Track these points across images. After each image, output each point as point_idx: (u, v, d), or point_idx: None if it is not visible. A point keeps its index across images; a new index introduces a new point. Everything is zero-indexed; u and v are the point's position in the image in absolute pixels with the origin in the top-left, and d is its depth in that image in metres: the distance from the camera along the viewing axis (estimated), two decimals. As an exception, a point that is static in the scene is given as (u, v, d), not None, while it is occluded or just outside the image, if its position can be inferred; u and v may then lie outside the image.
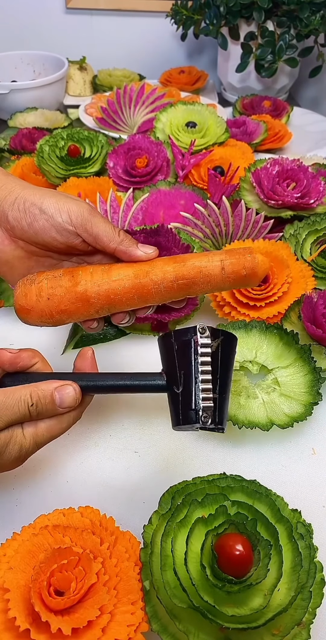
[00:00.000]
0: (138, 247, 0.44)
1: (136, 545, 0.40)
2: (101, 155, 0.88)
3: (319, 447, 0.52)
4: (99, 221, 0.43)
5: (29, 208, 0.43)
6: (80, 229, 0.43)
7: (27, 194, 0.43)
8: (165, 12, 1.30)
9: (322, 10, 1.12)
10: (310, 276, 0.64)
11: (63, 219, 0.43)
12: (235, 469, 0.49)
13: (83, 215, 0.43)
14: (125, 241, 0.43)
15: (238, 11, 1.15)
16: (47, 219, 0.43)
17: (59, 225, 0.43)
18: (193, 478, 0.43)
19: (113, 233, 0.43)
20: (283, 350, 0.57)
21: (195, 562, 0.37)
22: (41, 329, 0.64)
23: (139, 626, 0.35)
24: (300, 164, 0.77)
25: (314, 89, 1.38)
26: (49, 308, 0.43)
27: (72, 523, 0.41)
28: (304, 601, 0.36)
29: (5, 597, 0.35)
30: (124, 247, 0.43)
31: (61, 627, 0.33)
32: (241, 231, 0.72)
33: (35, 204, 0.43)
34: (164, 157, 0.85)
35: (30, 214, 0.43)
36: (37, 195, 0.43)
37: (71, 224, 0.43)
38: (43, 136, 0.95)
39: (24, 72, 1.29)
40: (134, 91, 1.05)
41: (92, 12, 1.39)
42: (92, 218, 0.43)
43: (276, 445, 0.52)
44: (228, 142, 0.94)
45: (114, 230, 0.43)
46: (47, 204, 0.43)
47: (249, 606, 0.35)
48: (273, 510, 0.40)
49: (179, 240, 0.64)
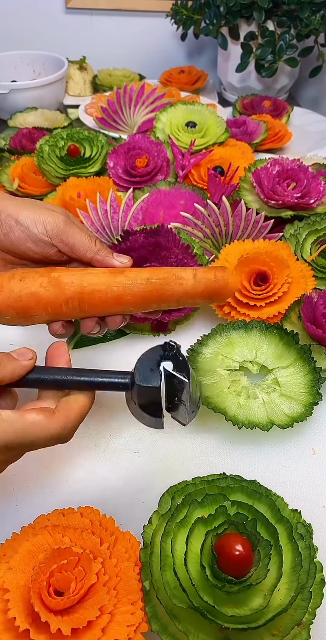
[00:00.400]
0: (114, 257, 0.45)
1: (135, 546, 0.40)
2: (101, 155, 0.88)
3: (319, 447, 0.52)
4: (75, 231, 0.44)
5: (5, 219, 0.43)
6: (56, 239, 0.43)
7: (4, 205, 0.44)
8: (165, 12, 1.30)
9: (322, 10, 1.12)
10: (310, 276, 0.64)
11: (39, 230, 0.43)
12: (235, 469, 0.49)
13: (59, 227, 0.43)
14: (101, 251, 0.44)
15: (238, 11, 1.14)
16: (23, 230, 0.43)
17: (34, 236, 0.43)
18: (192, 478, 0.43)
19: (89, 243, 0.44)
20: (283, 351, 0.57)
21: (195, 562, 0.37)
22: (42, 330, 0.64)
23: (139, 626, 0.35)
24: (300, 164, 0.77)
25: (314, 89, 1.38)
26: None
27: (72, 523, 0.41)
28: (304, 601, 0.36)
29: (5, 597, 0.35)
30: (100, 256, 0.44)
31: (61, 627, 0.33)
32: (241, 231, 0.72)
33: (11, 215, 0.43)
34: (164, 157, 0.85)
35: (7, 225, 0.43)
36: (14, 206, 0.44)
37: (46, 235, 0.43)
38: (43, 136, 0.95)
39: (24, 72, 1.29)
40: (134, 91, 1.05)
41: (92, 12, 1.39)
42: (68, 229, 0.43)
43: (276, 445, 0.52)
44: (228, 142, 0.94)
45: (90, 240, 0.44)
46: (23, 215, 0.43)
47: (249, 606, 0.35)
48: (273, 511, 0.40)
49: (179, 240, 0.64)
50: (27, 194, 0.85)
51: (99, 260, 0.44)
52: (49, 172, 0.85)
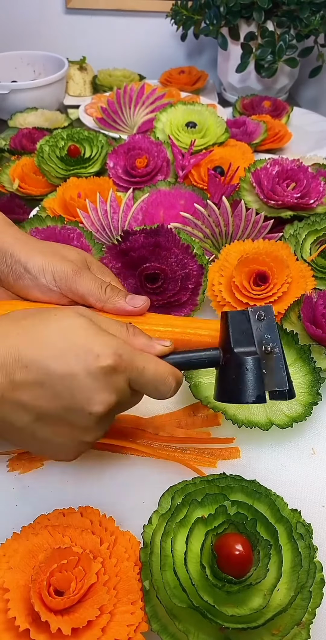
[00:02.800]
0: (127, 301, 0.43)
1: (135, 545, 0.40)
2: (101, 156, 0.88)
3: (319, 447, 0.52)
4: (84, 280, 0.42)
5: (14, 265, 0.42)
6: (64, 289, 0.42)
7: (15, 249, 0.43)
8: (165, 12, 1.30)
9: (322, 10, 1.12)
10: (310, 276, 0.64)
11: (47, 280, 0.42)
12: (235, 469, 0.49)
13: (67, 276, 0.42)
14: (111, 298, 0.43)
15: (238, 11, 1.15)
16: (31, 279, 0.42)
17: (43, 285, 0.42)
18: (192, 478, 0.43)
19: (99, 292, 0.42)
20: (282, 350, 0.57)
21: (195, 562, 0.37)
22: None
23: (138, 626, 0.35)
24: (300, 164, 0.77)
25: (314, 89, 1.38)
26: None
27: (72, 523, 0.41)
28: (304, 601, 0.36)
29: (5, 597, 0.35)
30: (111, 304, 0.43)
31: (61, 627, 0.33)
32: (241, 231, 0.72)
33: (20, 262, 0.42)
34: (164, 157, 0.85)
35: (16, 272, 0.42)
36: (24, 252, 0.43)
37: (55, 285, 0.42)
38: (43, 136, 0.95)
39: (24, 72, 1.29)
40: (134, 91, 1.05)
41: (92, 12, 1.39)
42: (77, 278, 0.42)
43: (276, 445, 0.52)
44: (228, 142, 0.94)
45: (100, 289, 0.42)
46: (32, 263, 0.42)
47: (249, 606, 0.35)
48: (273, 510, 0.40)
49: (179, 240, 0.64)
50: (27, 194, 0.85)
51: (110, 309, 0.43)
52: (49, 173, 0.85)
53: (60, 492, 0.48)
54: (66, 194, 0.77)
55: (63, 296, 0.43)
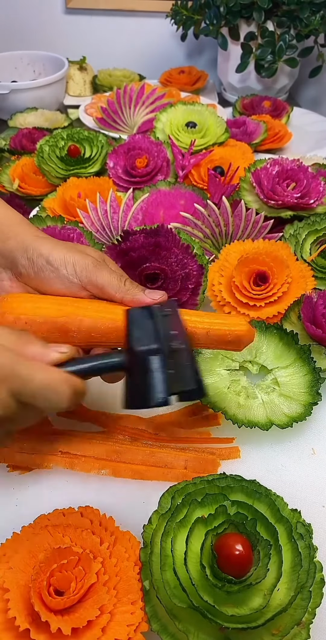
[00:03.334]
0: (145, 294, 0.44)
1: (135, 545, 0.40)
2: (101, 155, 0.88)
3: (319, 447, 0.52)
4: (104, 273, 0.44)
5: (36, 259, 0.44)
6: (85, 281, 0.43)
7: (37, 245, 0.44)
8: (165, 12, 1.30)
9: (322, 10, 1.12)
10: (310, 276, 0.64)
11: (68, 272, 0.43)
12: (235, 469, 0.49)
13: (88, 268, 0.43)
14: (131, 290, 0.44)
15: (238, 11, 1.15)
16: (53, 271, 0.43)
17: (64, 277, 0.43)
18: (192, 478, 0.43)
19: (119, 283, 0.44)
20: (282, 351, 0.57)
21: (195, 562, 0.37)
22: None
23: (138, 626, 0.35)
24: (300, 164, 0.77)
25: (314, 89, 1.38)
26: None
27: (72, 523, 0.41)
28: (304, 601, 0.36)
29: (5, 597, 0.35)
30: (130, 296, 0.44)
31: (61, 627, 0.33)
32: (241, 231, 0.72)
33: (42, 255, 0.43)
34: (164, 157, 0.85)
35: (38, 264, 0.44)
36: (46, 246, 0.44)
37: (75, 277, 0.43)
38: (43, 136, 0.95)
39: (24, 72, 1.29)
40: (134, 91, 1.05)
41: (92, 12, 1.39)
42: (96, 271, 0.43)
43: (276, 445, 0.52)
44: (228, 142, 0.94)
45: (119, 280, 0.44)
46: (54, 256, 0.43)
47: (249, 606, 0.35)
48: (273, 510, 0.40)
49: (179, 240, 0.64)
50: (27, 194, 0.85)
51: (129, 300, 0.44)
52: (49, 172, 0.85)
53: (60, 492, 0.48)
54: (66, 194, 0.77)
55: (83, 288, 0.44)
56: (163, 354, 0.38)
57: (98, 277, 0.43)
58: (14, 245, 0.44)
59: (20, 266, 0.44)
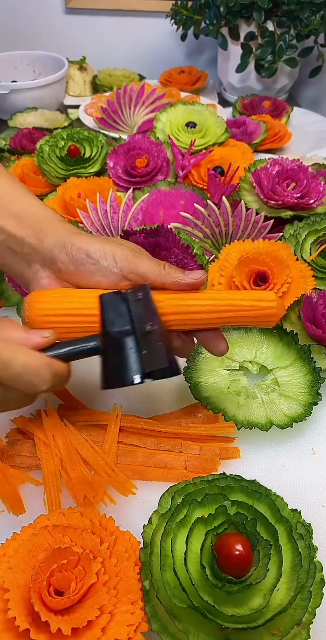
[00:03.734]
0: (186, 275, 0.44)
1: (135, 545, 0.40)
2: (101, 155, 0.88)
3: (319, 447, 0.52)
4: (144, 260, 0.44)
5: (76, 253, 0.44)
6: (125, 270, 0.43)
7: (75, 238, 0.44)
8: (165, 12, 1.30)
9: (322, 10, 1.12)
10: (310, 276, 0.64)
11: (108, 263, 0.43)
12: (235, 469, 0.49)
13: (128, 258, 0.44)
14: (171, 273, 0.44)
15: (238, 11, 1.14)
16: (94, 264, 0.43)
17: (105, 268, 0.43)
18: (192, 478, 0.43)
19: (159, 269, 0.44)
20: (282, 351, 0.57)
21: (195, 562, 0.37)
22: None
23: (138, 626, 0.35)
24: (300, 164, 0.77)
25: (314, 89, 1.38)
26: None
27: (72, 523, 0.41)
28: (304, 601, 0.36)
29: (5, 597, 0.35)
30: (171, 279, 0.44)
31: (61, 627, 0.33)
32: (241, 231, 0.72)
33: (81, 249, 0.44)
34: (164, 157, 0.85)
35: (77, 258, 0.44)
36: (84, 240, 0.44)
37: (116, 267, 0.43)
38: (43, 136, 0.95)
39: (24, 72, 1.29)
40: (134, 91, 1.05)
41: (92, 12, 1.39)
42: (136, 259, 0.44)
43: (276, 445, 0.52)
44: (228, 142, 0.94)
45: (159, 266, 0.44)
46: (93, 248, 0.43)
47: (249, 606, 0.35)
48: (273, 510, 0.40)
49: (179, 240, 0.64)
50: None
51: (171, 283, 0.44)
52: (49, 173, 0.85)
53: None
54: (66, 194, 0.77)
55: (124, 278, 0.44)
56: (135, 335, 0.40)
57: (138, 265, 0.43)
58: (52, 243, 0.44)
59: (59, 262, 0.44)
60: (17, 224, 0.45)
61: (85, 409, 0.53)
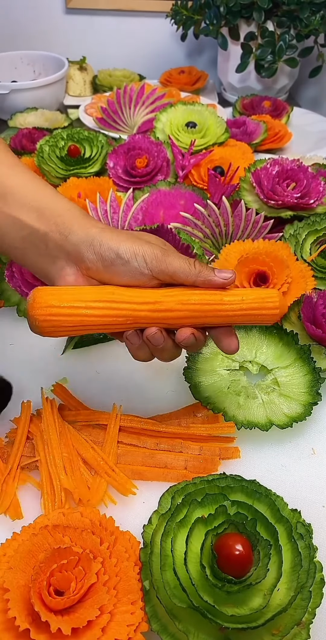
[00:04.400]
0: (216, 274, 0.44)
1: (135, 545, 0.40)
2: (101, 155, 0.88)
3: (319, 447, 0.52)
4: (174, 259, 0.43)
5: (105, 252, 0.43)
6: (156, 271, 0.43)
7: (104, 237, 0.43)
8: (165, 12, 1.30)
9: (322, 10, 1.12)
10: (310, 276, 0.64)
11: (139, 264, 0.43)
12: (235, 469, 0.49)
13: (157, 257, 0.43)
14: (203, 272, 0.43)
15: (238, 11, 1.14)
16: (124, 264, 0.43)
17: (135, 269, 0.43)
18: (192, 478, 0.43)
19: (189, 267, 0.43)
20: (282, 351, 0.57)
21: (195, 562, 0.37)
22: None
23: (138, 626, 0.35)
24: (300, 164, 0.77)
25: (314, 89, 1.38)
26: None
27: (72, 523, 0.41)
28: (304, 601, 0.36)
29: (5, 597, 0.35)
30: (202, 277, 0.43)
31: (61, 627, 0.33)
32: (241, 231, 0.72)
33: (111, 249, 0.43)
34: (164, 157, 0.85)
35: (107, 258, 0.43)
36: (113, 239, 0.43)
37: (146, 268, 0.43)
38: (43, 136, 0.95)
39: (24, 72, 1.29)
40: (134, 91, 1.05)
41: (92, 12, 1.39)
42: (166, 258, 0.43)
43: (276, 445, 0.52)
44: (228, 142, 0.94)
45: (189, 264, 0.43)
46: (123, 249, 0.43)
47: (249, 606, 0.35)
48: (273, 510, 0.40)
49: (179, 240, 0.64)
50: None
51: (201, 282, 0.43)
52: (49, 173, 0.85)
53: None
54: (66, 194, 0.77)
55: (153, 278, 0.43)
56: None
57: (168, 265, 0.43)
58: (77, 240, 0.43)
59: (87, 261, 0.43)
60: (38, 219, 0.44)
61: (85, 409, 0.53)
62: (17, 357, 0.60)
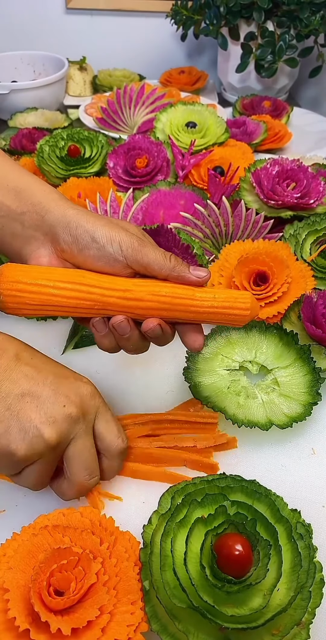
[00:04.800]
0: (191, 271, 0.43)
1: (135, 545, 0.40)
2: (101, 156, 0.88)
3: (319, 447, 0.52)
4: (150, 250, 0.43)
5: (81, 234, 0.42)
6: (130, 259, 0.42)
7: (81, 219, 0.43)
8: (165, 12, 1.30)
9: (322, 10, 1.12)
10: (310, 276, 0.64)
11: (114, 250, 0.42)
12: (235, 469, 0.49)
13: (133, 246, 0.42)
14: (177, 267, 0.43)
15: (238, 11, 1.15)
16: (99, 249, 0.42)
17: (110, 255, 0.42)
18: (192, 478, 0.43)
19: (164, 260, 0.43)
20: (282, 351, 0.57)
21: (195, 562, 0.37)
22: (41, 329, 0.64)
23: (138, 626, 0.35)
24: (300, 164, 0.77)
25: (314, 89, 1.38)
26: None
27: (72, 523, 0.41)
28: (303, 601, 0.36)
29: (5, 597, 0.35)
30: (176, 272, 0.43)
31: (61, 627, 0.33)
32: (241, 231, 0.72)
33: (88, 232, 0.42)
34: (164, 157, 0.85)
35: (82, 241, 0.42)
36: (90, 222, 0.43)
37: (121, 255, 0.42)
38: (43, 136, 0.95)
39: (24, 72, 1.29)
40: (134, 91, 1.05)
41: (92, 12, 1.39)
42: (142, 248, 0.43)
43: (276, 445, 0.52)
44: (228, 142, 0.94)
45: (165, 257, 0.43)
46: (100, 233, 0.42)
47: (249, 606, 0.35)
48: (273, 510, 0.40)
49: (179, 240, 0.64)
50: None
51: (175, 277, 0.43)
52: (49, 173, 0.85)
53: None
54: (66, 194, 0.77)
55: (127, 266, 0.43)
56: None
57: (143, 255, 0.42)
58: (54, 220, 0.43)
59: (62, 242, 0.43)
60: (15, 199, 0.44)
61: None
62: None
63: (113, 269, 0.43)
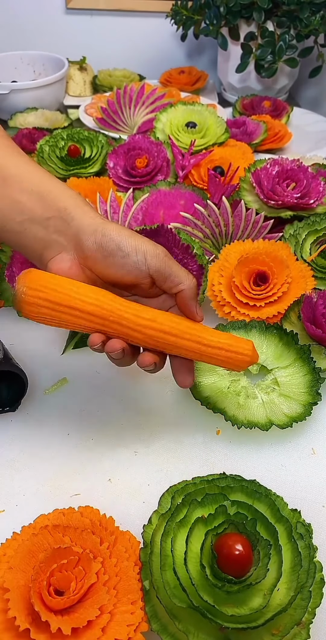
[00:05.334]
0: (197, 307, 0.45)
1: (135, 545, 0.40)
2: (101, 156, 0.88)
3: (319, 447, 0.52)
4: (174, 263, 0.44)
5: (107, 242, 0.43)
6: (153, 268, 0.43)
7: (107, 228, 0.43)
8: (165, 12, 1.30)
9: (322, 10, 1.12)
10: (310, 276, 0.64)
11: (138, 259, 0.43)
12: (235, 469, 0.49)
13: (159, 257, 0.43)
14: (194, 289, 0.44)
15: (238, 11, 1.14)
16: (123, 257, 0.43)
17: (133, 263, 0.43)
18: (192, 478, 0.43)
19: (187, 277, 0.44)
20: (282, 351, 0.57)
21: (195, 562, 0.37)
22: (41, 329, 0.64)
23: (138, 626, 0.35)
24: (300, 164, 0.77)
25: (314, 89, 1.38)
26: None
27: (72, 523, 0.41)
28: (303, 601, 0.36)
29: (5, 597, 0.35)
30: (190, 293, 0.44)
31: (61, 626, 0.33)
32: (241, 231, 0.72)
33: (113, 240, 0.43)
34: (164, 157, 0.85)
35: (108, 248, 0.43)
36: (116, 231, 0.43)
37: (145, 264, 0.43)
38: (43, 136, 0.95)
39: (24, 72, 1.29)
40: (134, 91, 1.05)
41: (92, 12, 1.39)
42: (168, 260, 0.43)
43: (276, 445, 0.52)
44: (228, 142, 0.94)
45: (187, 274, 0.44)
46: (126, 242, 0.43)
47: (249, 606, 0.35)
48: (273, 510, 0.40)
49: (179, 240, 0.64)
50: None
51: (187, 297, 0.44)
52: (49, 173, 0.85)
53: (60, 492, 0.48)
54: (66, 194, 0.77)
55: (148, 276, 0.44)
56: None
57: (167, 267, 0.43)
58: (80, 226, 0.43)
59: (86, 249, 0.43)
60: (39, 203, 0.44)
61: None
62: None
63: (134, 278, 0.44)
